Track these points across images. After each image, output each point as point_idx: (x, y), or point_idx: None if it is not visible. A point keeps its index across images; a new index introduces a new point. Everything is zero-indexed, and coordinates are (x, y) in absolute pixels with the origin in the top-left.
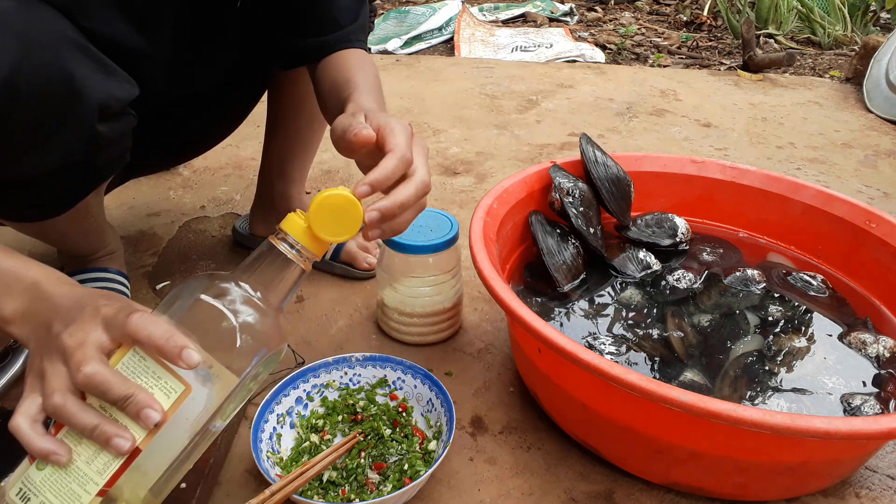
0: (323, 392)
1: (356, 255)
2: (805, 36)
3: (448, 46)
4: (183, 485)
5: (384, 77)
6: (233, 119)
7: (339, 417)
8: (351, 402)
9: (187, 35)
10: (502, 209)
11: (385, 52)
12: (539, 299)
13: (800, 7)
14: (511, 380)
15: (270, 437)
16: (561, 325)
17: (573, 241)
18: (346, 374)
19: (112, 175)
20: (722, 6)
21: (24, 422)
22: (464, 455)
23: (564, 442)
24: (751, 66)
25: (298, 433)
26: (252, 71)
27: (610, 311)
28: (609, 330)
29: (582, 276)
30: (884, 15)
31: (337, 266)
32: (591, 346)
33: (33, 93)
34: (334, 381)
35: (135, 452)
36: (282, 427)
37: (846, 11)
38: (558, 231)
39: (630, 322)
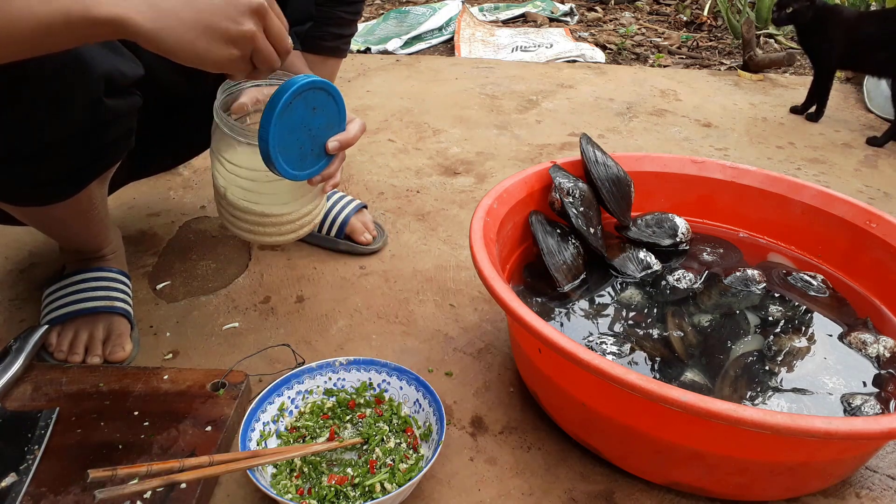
0: (308, 398)
1: (356, 228)
2: None
3: (448, 46)
4: (183, 485)
5: (384, 77)
6: None
7: (319, 421)
8: (328, 406)
9: None
10: (502, 209)
11: (385, 52)
12: (539, 299)
13: None
14: (511, 380)
15: (258, 447)
16: (561, 325)
17: (573, 241)
18: (329, 378)
19: (118, 158)
20: (722, 6)
21: None
22: (464, 455)
23: (564, 442)
24: (751, 66)
25: (283, 444)
26: None
27: (610, 311)
28: (609, 330)
29: (582, 276)
30: None
31: (341, 243)
32: (591, 347)
33: (42, 63)
34: (318, 386)
35: None
36: (267, 441)
37: None
38: (558, 231)
39: (630, 322)
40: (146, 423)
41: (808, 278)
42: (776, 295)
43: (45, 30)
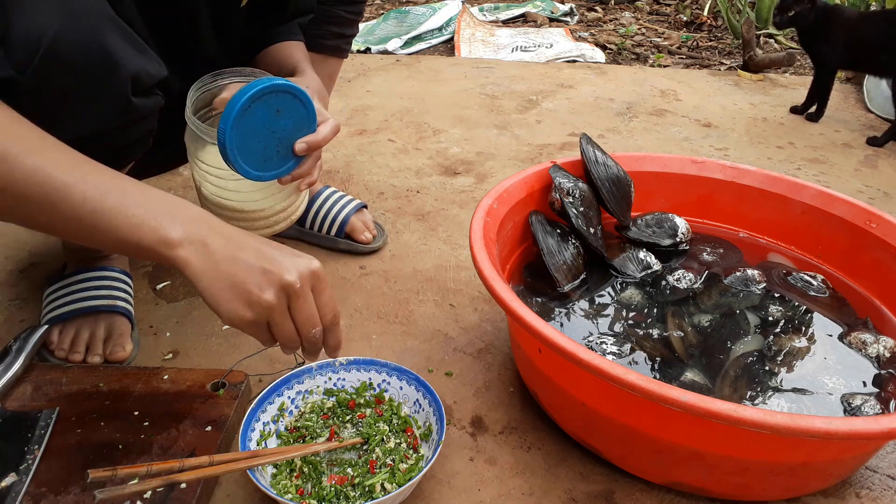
0: (308, 398)
1: (356, 228)
2: None
3: (448, 46)
4: (183, 485)
5: (384, 77)
6: None
7: (319, 421)
8: (328, 406)
9: (197, 36)
10: (502, 209)
11: (385, 52)
12: (539, 299)
13: None
14: (511, 380)
15: (258, 447)
16: (561, 325)
17: (573, 241)
18: (329, 378)
19: (135, 158)
20: (722, 6)
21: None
22: (464, 455)
23: (564, 442)
24: (751, 66)
25: (283, 444)
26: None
27: (610, 311)
28: (609, 330)
29: (582, 276)
30: None
31: (341, 242)
32: (591, 347)
33: (72, 60)
34: (318, 386)
35: None
36: (267, 441)
37: None
38: (558, 231)
39: (630, 322)
40: (146, 423)
41: (808, 278)
42: (776, 295)
43: (119, 244)
